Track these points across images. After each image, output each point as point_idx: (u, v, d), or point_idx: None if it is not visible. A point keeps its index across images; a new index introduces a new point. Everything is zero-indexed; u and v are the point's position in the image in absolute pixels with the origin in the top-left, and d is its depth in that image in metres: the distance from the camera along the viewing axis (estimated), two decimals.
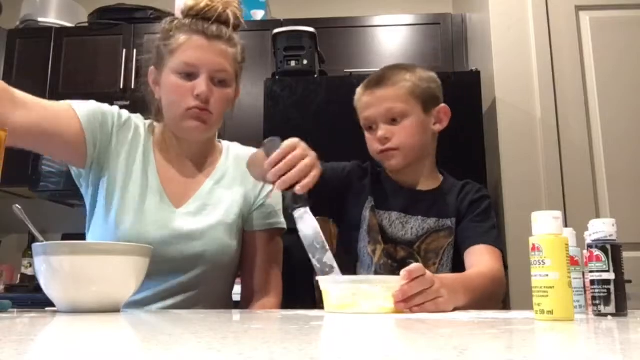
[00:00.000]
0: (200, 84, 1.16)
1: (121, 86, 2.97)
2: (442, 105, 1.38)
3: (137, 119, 1.29)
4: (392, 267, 1.31)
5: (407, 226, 1.34)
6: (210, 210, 1.24)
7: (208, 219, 1.23)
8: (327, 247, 1.03)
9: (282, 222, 1.33)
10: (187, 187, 1.26)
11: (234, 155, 1.34)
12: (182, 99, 1.17)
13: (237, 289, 1.34)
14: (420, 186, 1.39)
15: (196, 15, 1.19)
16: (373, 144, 1.36)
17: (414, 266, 0.93)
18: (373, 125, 1.35)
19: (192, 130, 1.19)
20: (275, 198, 1.32)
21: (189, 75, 1.17)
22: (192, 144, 1.26)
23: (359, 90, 1.39)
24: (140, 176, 1.22)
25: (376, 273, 1.31)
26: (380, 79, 1.35)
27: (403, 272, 0.92)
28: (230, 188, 1.29)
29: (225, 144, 1.37)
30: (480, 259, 1.25)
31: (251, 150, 1.30)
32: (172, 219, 1.20)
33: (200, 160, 1.29)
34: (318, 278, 0.98)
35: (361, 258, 1.35)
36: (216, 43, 1.18)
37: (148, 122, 1.30)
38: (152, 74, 1.25)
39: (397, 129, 1.31)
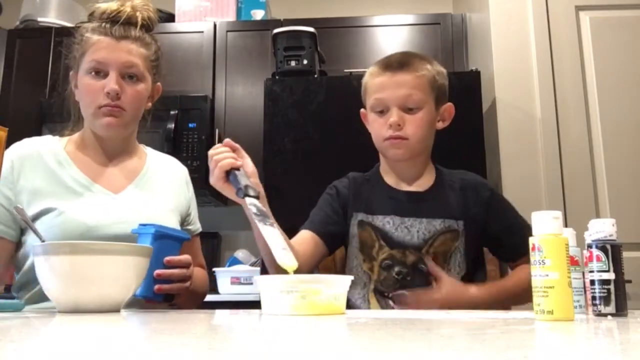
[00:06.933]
0: (110, 81, 1.20)
1: None
2: (449, 104, 1.36)
3: (38, 144, 1.27)
4: (399, 275, 1.25)
5: (413, 230, 1.29)
6: (150, 199, 1.28)
7: (153, 204, 1.27)
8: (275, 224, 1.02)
9: (199, 227, 1.42)
10: (119, 179, 1.27)
11: (158, 160, 1.38)
12: (95, 97, 1.21)
13: (235, 289, 1.33)
14: (416, 183, 1.35)
15: (106, 19, 1.24)
16: (381, 129, 1.29)
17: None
18: (384, 109, 1.29)
19: (106, 127, 1.22)
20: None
21: (100, 74, 1.21)
22: (112, 142, 1.29)
23: (373, 69, 1.33)
24: (63, 181, 1.22)
25: (376, 290, 1.26)
26: (402, 63, 1.30)
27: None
28: (161, 188, 1.32)
29: (148, 149, 1.40)
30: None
31: (170, 158, 1.41)
32: (115, 204, 1.22)
33: (123, 159, 1.31)
34: (256, 278, 0.94)
35: (354, 277, 1.21)
36: (124, 42, 1.23)
37: (57, 138, 1.31)
38: (73, 79, 1.28)
39: (410, 118, 1.27)
